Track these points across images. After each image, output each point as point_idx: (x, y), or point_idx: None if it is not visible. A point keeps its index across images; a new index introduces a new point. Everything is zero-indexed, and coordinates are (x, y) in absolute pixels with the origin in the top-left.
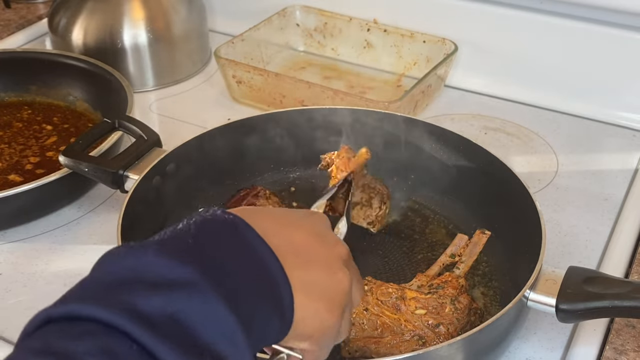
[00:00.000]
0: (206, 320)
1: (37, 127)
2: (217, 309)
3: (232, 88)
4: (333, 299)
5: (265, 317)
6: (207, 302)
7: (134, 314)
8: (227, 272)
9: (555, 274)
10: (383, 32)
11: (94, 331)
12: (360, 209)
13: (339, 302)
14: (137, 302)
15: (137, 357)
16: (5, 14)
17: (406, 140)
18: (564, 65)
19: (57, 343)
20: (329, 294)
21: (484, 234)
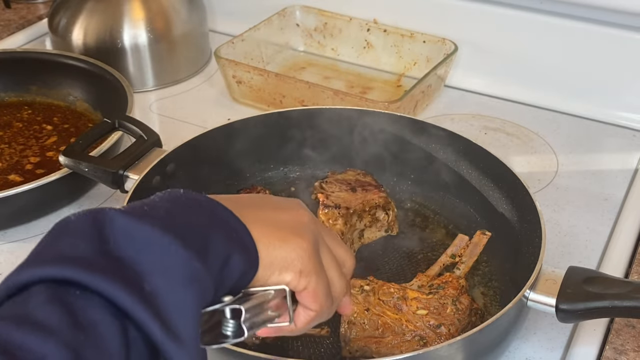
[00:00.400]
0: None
1: (37, 127)
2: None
3: (232, 88)
4: (295, 226)
5: (222, 255)
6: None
7: (76, 263)
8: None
9: (555, 274)
10: (383, 32)
11: (41, 290)
12: (370, 229)
13: (302, 226)
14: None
15: (82, 298)
16: (5, 14)
17: (406, 140)
18: (564, 65)
19: (12, 309)
20: (290, 223)
21: (485, 234)
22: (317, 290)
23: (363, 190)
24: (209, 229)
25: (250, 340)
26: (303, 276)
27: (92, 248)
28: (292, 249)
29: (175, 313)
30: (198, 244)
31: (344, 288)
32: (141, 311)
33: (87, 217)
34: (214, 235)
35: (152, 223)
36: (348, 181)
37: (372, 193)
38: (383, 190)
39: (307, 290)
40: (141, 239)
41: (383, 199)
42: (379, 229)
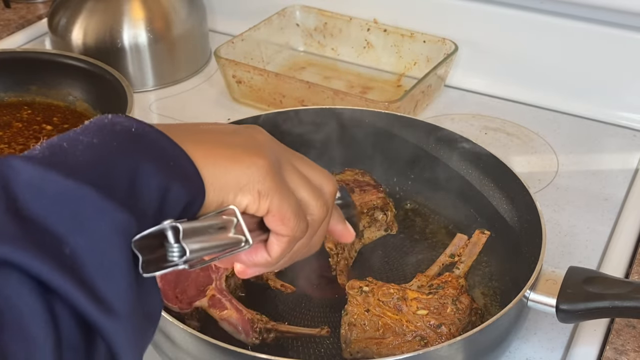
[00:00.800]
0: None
1: (37, 127)
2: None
3: (232, 88)
4: (249, 145)
5: (156, 193)
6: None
7: None
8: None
9: (556, 274)
10: (383, 32)
11: None
12: (370, 229)
13: (256, 144)
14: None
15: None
16: (5, 14)
17: (406, 140)
18: (564, 65)
19: None
20: (242, 142)
21: (484, 233)
22: (282, 210)
23: (361, 191)
24: (138, 163)
25: (251, 341)
26: (262, 197)
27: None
28: (245, 167)
29: (102, 279)
30: (124, 188)
31: (323, 211)
32: (61, 280)
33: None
34: (144, 170)
35: (65, 172)
36: (346, 182)
37: (370, 194)
38: (382, 190)
39: (272, 213)
40: (54, 193)
41: (381, 200)
42: (378, 229)
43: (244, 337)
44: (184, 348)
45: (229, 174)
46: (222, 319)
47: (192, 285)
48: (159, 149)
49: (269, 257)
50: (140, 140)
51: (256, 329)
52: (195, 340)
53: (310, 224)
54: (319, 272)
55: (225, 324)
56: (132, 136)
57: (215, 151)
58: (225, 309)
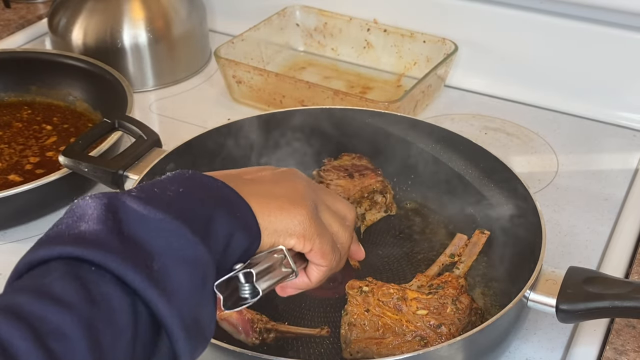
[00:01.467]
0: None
1: (37, 127)
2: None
3: (232, 88)
4: (293, 196)
5: (225, 235)
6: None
7: (91, 244)
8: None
9: (555, 274)
10: (383, 32)
11: (58, 266)
12: (370, 212)
13: (298, 195)
14: (90, 232)
15: (95, 274)
16: (5, 14)
17: (406, 140)
18: (564, 65)
19: (32, 282)
20: (287, 193)
21: (483, 233)
22: (322, 248)
23: (360, 175)
24: (214, 210)
25: (251, 341)
26: (307, 239)
27: (106, 229)
28: (292, 216)
29: (177, 289)
30: (203, 227)
31: (349, 238)
32: (149, 289)
33: (101, 201)
34: (218, 216)
35: (162, 208)
36: (345, 167)
37: (369, 177)
38: (379, 174)
39: (314, 251)
40: (152, 223)
41: (380, 183)
42: (378, 211)
43: (244, 337)
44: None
45: (279, 222)
46: (222, 319)
47: None
48: (228, 201)
49: (310, 282)
50: (215, 193)
51: (256, 329)
52: None
53: (340, 250)
54: None
55: (225, 324)
56: (208, 187)
57: (268, 202)
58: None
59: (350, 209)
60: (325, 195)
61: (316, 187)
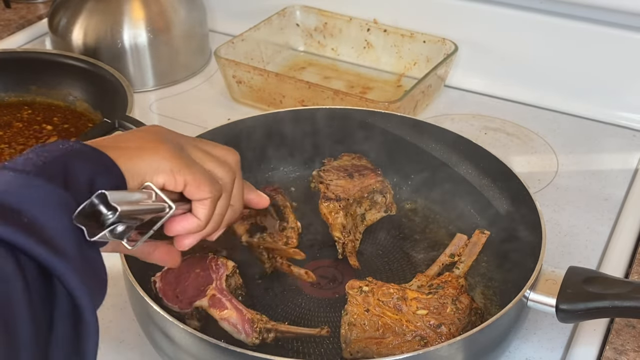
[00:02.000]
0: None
1: (37, 127)
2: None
3: (232, 88)
4: (151, 138)
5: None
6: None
7: None
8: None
9: (555, 274)
10: (383, 32)
11: None
12: (370, 212)
13: (159, 137)
14: None
15: None
16: (5, 14)
17: (406, 140)
18: (564, 65)
19: None
20: (146, 137)
21: (483, 233)
22: (196, 179)
23: (360, 175)
24: (68, 162)
25: (251, 341)
26: (175, 173)
27: None
28: (153, 154)
29: (53, 234)
30: (61, 176)
31: (229, 173)
32: (26, 240)
33: None
34: (74, 165)
35: (16, 169)
36: (344, 167)
37: (369, 178)
38: (379, 174)
39: (188, 184)
40: (12, 183)
41: (380, 184)
42: (378, 211)
43: (244, 337)
44: (184, 348)
45: (142, 162)
46: (222, 318)
47: (192, 285)
48: (83, 153)
49: (199, 220)
50: (67, 148)
51: (256, 329)
52: (195, 340)
53: (223, 187)
54: (319, 272)
55: (225, 324)
56: (60, 147)
57: (127, 148)
58: (226, 309)
59: (230, 152)
60: (195, 140)
61: (184, 135)
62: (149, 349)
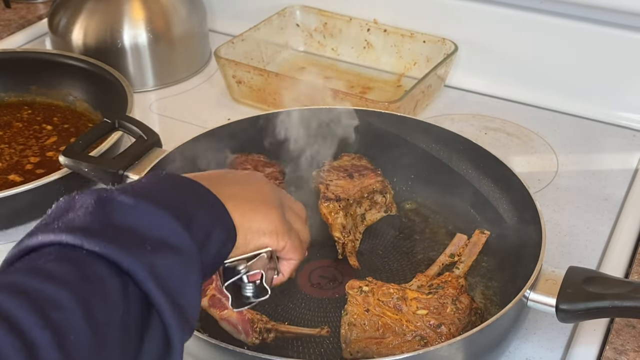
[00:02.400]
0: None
1: (37, 127)
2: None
3: (232, 88)
4: (260, 197)
5: (205, 228)
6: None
7: (84, 232)
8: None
9: (555, 274)
10: (383, 32)
11: (51, 250)
12: (370, 212)
13: (267, 197)
14: (81, 222)
15: (88, 257)
16: (5, 14)
17: (406, 140)
18: (564, 65)
19: (27, 264)
20: (257, 196)
21: (483, 233)
22: (293, 244)
23: (360, 175)
24: (194, 206)
25: (251, 341)
26: (279, 237)
27: (96, 219)
28: (264, 216)
29: (167, 276)
30: (186, 219)
31: (309, 234)
32: (140, 270)
33: (91, 194)
34: (198, 211)
35: (148, 200)
36: (344, 167)
37: (369, 178)
38: (379, 174)
39: (287, 247)
40: (140, 212)
41: (379, 183)
42: (378, 211)
43: (244, 337)
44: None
45: (253, 222)
46: (222, 318)
47: None
48: (206, 200)
49: (283, 277)
50: (193, 191)
51: (256, 329)
52: (195, 340)
53: (303, 244)
54: (319, 272)
55: (225, 324)
56: (186, 185)
57: (241, 204)
58: (226, 309)
59: (302, 209)
60: (284, 197)
61: (278, 189)
62: None
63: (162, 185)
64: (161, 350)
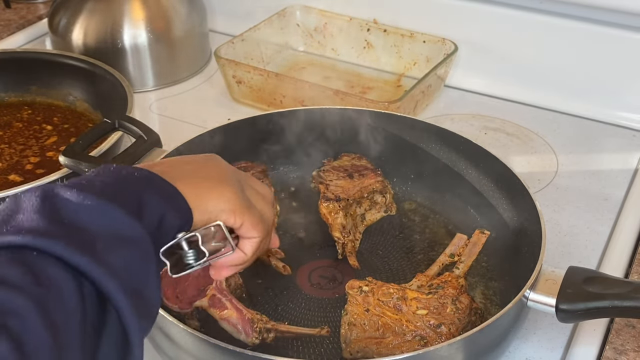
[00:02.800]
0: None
1: (37, 127)
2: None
3: (232, 88)
4: (216, 176)
5: (157, 214)
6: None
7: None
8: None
9: (555, 274)
10: (383, 32)
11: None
12: (370, 212)
13: (224, 175)
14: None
15: (40, 258)
16: (5, 14)
17: (406, 140)
18: (564, 65)
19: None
20: (214, 175)
21: (483, 233)
22: (252, 220)
23: (360, 175)
24: (143, 193)
25: (251, 341)
26: (237, 214)
27: (44, 218)
28: (221, 194)
29: (123, 269)
30: (136, 208)
31: (272, 214)
32: (95, 268)
33: (34, 193)
34: (148, 198)
35: (95, 194)
36: (344, 167)
37: (369, 178)
38: (379, 174)
39: (245, 224)
40: (88, 208)
41: (379, 184)
42: (378, 211)
43: (244, 337)
44: (184, 348)
45: (210, 201)
46: (222, 318)
47: (192, 285)
48: (155, 185)
49: (245, 255)
50: (142, 180)
51: (256, 329)
52: (195, 340)
53: (267, 225)
54: (319, 272)
55: (225, 324)
56: (136, 175)
57: (197, 183)
58: (226, 309)
59: (267, 191)
60: (247, 177)
61: (237, 170)
62: (149, 349)
63: (109, 177)
64: (120, 348)
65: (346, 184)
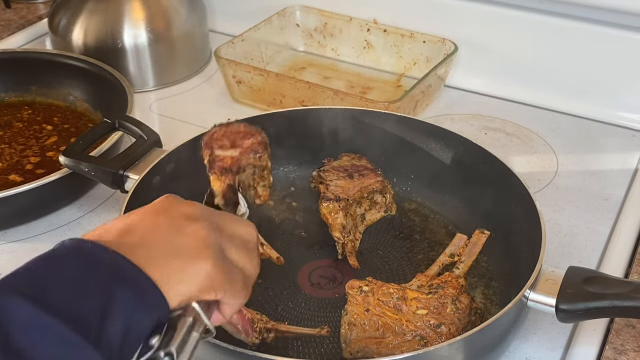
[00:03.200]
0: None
1: (38, 127)
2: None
3: (232, 88)
4: (191, 247)
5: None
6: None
7: None
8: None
9: (555, 274)
10: (383, 32)
11: None
12: (370, 212)
13: (201, 244)
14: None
15: None
16: (5, 14)
17: (406, 140)
18: (564, 65)
19: None
20: (185, 245)
21: (483, 233)
22: (234, 290)
23: (360, 175)
24: (109, 298)
25: (251, 341)
26: (217, 290)
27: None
28: (197, 273)
29: None
30: (96, 326)
31: (256, 268)
32: None
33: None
34: (113, 305)
35: (50, 310)
36: (344, 167)
37: (369, 178)
38: (379, 174)
39: (226, 295)
40: (39, 332)
41: (380, 184)
42: (378, 211)
43: (244, 337)
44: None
45: (184, 284)
46: None
47: None
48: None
49: (223, 318)
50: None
51: (256, 329)
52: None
53: (249, 281)
54: (319, 272)
55: (225, 324)
56: (102, 266)
57: (169, 264)
58: None
59: (250, 229)
60: (224, 222)
61: (213, 216)
62: None
63: (70, 273)
64: None
65: (346, 184)
